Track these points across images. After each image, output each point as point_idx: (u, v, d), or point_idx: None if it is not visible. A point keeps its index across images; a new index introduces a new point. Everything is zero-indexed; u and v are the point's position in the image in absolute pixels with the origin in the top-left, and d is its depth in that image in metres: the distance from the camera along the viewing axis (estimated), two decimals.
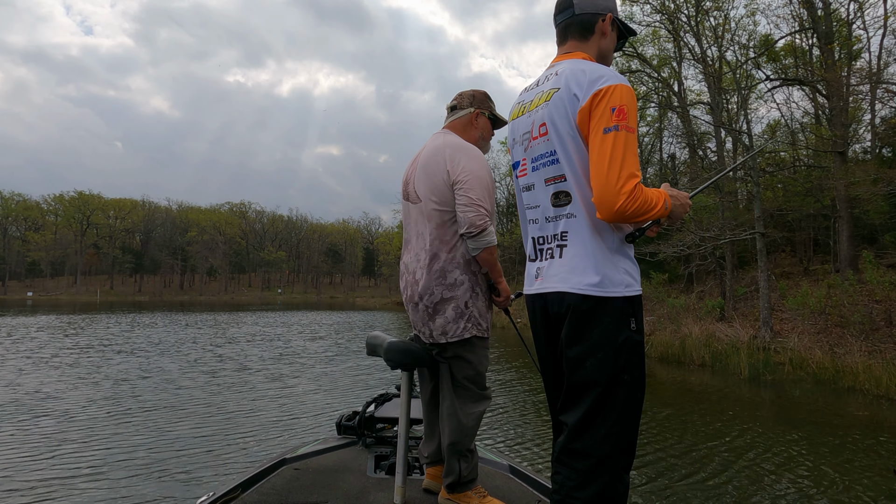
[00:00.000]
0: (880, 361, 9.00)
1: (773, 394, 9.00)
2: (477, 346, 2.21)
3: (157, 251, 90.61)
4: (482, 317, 2.21)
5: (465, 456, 2.18)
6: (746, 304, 16.76)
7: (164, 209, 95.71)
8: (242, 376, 9.58)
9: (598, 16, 1.77)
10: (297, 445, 3.08)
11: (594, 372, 1.52)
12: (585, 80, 1.57)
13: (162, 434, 6.03)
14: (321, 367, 10.96)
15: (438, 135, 2.36)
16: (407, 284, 2.29)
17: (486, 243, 2.12)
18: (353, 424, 2.99)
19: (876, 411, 7.56)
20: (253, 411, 7.02)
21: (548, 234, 1.68)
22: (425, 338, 2.25)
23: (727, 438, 6.34)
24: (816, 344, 10.81)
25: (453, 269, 2.17)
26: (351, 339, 17.49)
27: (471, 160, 2.19)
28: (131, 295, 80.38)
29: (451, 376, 2.22)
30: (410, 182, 2.33)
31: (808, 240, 24.83)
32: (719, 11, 22.16)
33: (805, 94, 23.16)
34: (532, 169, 1.73)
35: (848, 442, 6.15)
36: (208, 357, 12.26)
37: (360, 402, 6.88)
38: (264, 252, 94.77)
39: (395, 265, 64.47)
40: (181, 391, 8.22)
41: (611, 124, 1.50)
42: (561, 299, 1.60)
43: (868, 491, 4.66)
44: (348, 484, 2.34)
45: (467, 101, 2.44)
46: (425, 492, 2.33)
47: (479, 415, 2.24)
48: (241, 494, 2.20)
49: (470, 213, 2.10)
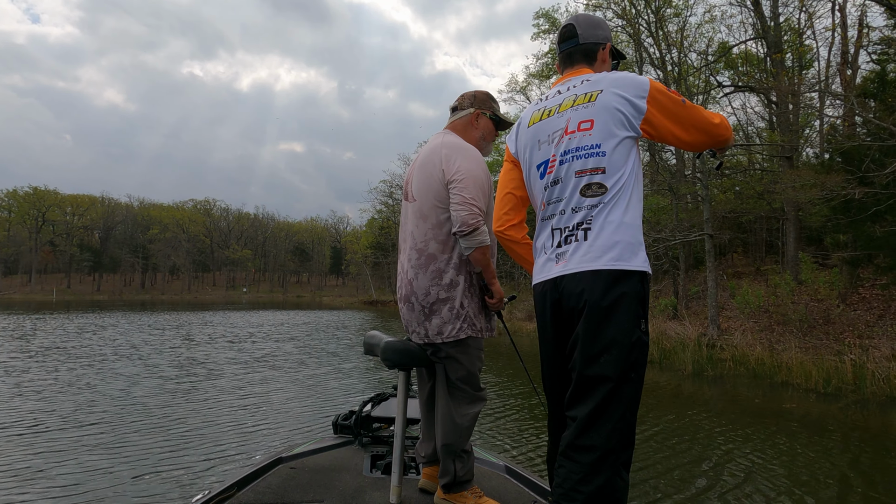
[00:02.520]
0: (813, 357, 9.48)
1: (713, 388, 9.39)
2: (471, 346, 2.20)
3: (117, 249, 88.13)
4: (476, 317, 2.21)
5: (461, 456, 2.19)
6: (698, 303, 17.33)
7: (124, 206, 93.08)
8: (214, 380, 9.48)
9: (599, 45, 1.97)
10: (293, 444, 3.07)
11: (608, 368, 1.59)
12: (629, 79, 1.77)
13: (156, 434, 5.98)
14: (299, 370, 10.88)
15: (438, 135, 2.35)
16: (402, 284, 2.28)
17: (478, 242, 2.10)
18: (349, 424, 2.98)
19: (803, 403, 7.99)
20: (214, 421, 6.94)
21: (573, 223, 1.75)
22: (419, 338, 2.23)
23: (658, 427, 6.62)
24: (758, 341, 11.29)
25: (449, 270, 2.16)
26: (327, 340, 17.43)
27: (466, 160, 2.17)
28: (89, 294, 78.01)
29: (446, 377, 2.22)
30: (409, 182, 2.33)
31: (760, 241, 25.78)
32: (678, 18, 22.84)
33: (761, 99, 24.05)
34: (560, 163, 1.80)
35: (778, 431, 6.49)
36: (168, 360, 12.08)
37: (351, 403, 6.89)
38: (229, 250, 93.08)
39: (363, 264, 64.15)
40: (136, 399, 8.11)
41: (680, 98, 1.77)
42: (580, 293, 1.66)
43: (784, 477, 4.95)
44: (344, 483, 2.33)
45: (468, 101, 2.42)
46: (421, 492, 2.33)
47: (474, 416, 2.24)
48: (237, 493, 2.18)
49: (463, 211, 2.09)
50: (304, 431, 6.20)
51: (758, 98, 24.33)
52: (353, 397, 8.11)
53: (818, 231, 17.81)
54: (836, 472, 5.14)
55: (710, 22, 23.26)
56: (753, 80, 18.60)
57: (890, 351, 9.26)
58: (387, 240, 56.12)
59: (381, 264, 58.24)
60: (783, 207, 17.57)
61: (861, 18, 17.45)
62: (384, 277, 60.20)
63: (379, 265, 59.42)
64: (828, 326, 11.49)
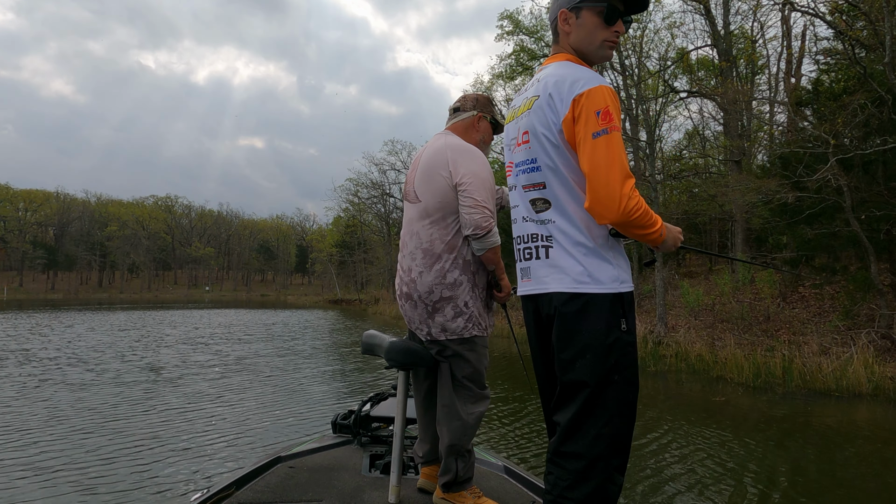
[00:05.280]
0: (748, 353, 9.97)
1: (652, 382, 9.80)
2: (477, 344, 2.22)
3: (72, 246, 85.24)
4: (481, 316, 2.24)
5: (463, 455, 2.18)
6: (650, 302, 17.87)
7: (81, 202, 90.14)
8: (177, 386, 9.36)
9: (555, 17, 1.73)
10: (292, 444, 3.07)
11: (584, 373, 1.52)
12: (565, 86, 1.56)
13: (154, 433, 5.95)
14: (274, 374, 10.78)
15: (440, 136, 2.37)
16: (402, 283, 2.28)
17: (491, 244, 2.15)
18: (348, 423, 2.97)
19: (732, 397, 8.42)
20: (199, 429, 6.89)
21: (527, 233, 1.69)
22: (423, 335, 2.24)
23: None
24: (701, 338, 11.77)
25: (453, 270, 2.18)
26: (293, 340, 17.34)
27: (473, 162, 2.20)
28: (43, 292, 75.36)
29: (451, 375, 2.22)
30: (410, 183, 2.34)
31: (713, 242, 26.68)
32: (637, 24, 23.44)
33: (716, 104, 24.90)
34: (514, 174, 1.76)
35: (707, 422, 6.83)
36: (134, 362, 11.89)
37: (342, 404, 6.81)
38: (191, 248, 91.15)
39: (328, 263, 63.63)
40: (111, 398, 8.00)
41: (599, 128, 1.48)
42: (549, 300, 1.60)
43: (708, 460, 5.26)
44: (343, 482, 2.32)
45: (470, 103, 2.45)
46: (420, 491, 2.32)
47: (480, 415, 2.23)
48: (236, 492, 2.17)
49: (476, 214, 2.11)
50: (294, 435, 6.12)
51: (714, 103, 25.21)
52: (343, 401, 7.98)
53: (763, 233, 18.59)
54: (755, 460, 5.47)
55: (668, 28, 23.97)
56: (705, 87, 19.27)
57: (818, 347, 9.80)
58: (352, 238, 55.81)
59: (347, 263, 57.86)
60: (732, 210, 18.28)
61: (804, 30, 18.27)
62: (350, 276, 59.83)
63: (345, 264, 59.03)
64: (767, 324, 12.05)
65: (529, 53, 26.04)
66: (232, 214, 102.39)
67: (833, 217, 11.17)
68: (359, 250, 53.99)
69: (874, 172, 11.17)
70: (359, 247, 54.35)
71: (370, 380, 9.70)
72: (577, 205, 1.58)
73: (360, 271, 54.56)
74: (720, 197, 16.85)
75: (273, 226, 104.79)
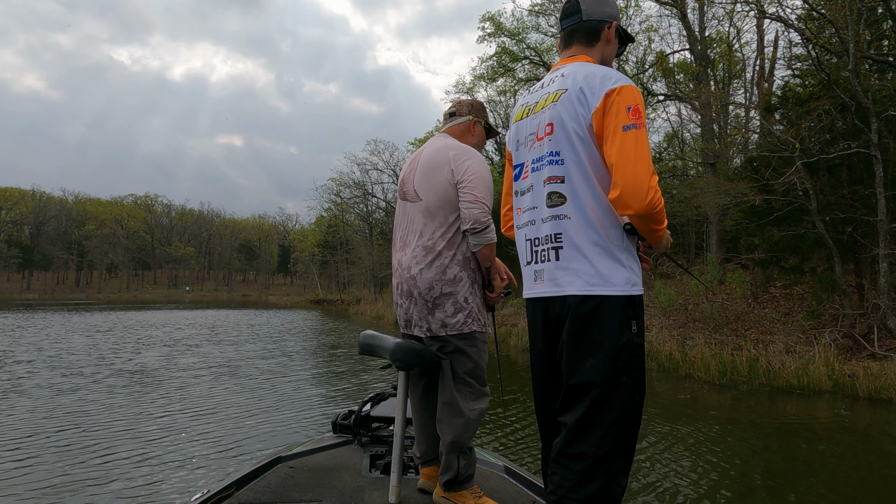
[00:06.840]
0: (716, 352, 10.21)
1: None
2: (477, 339, 2.25)
3: (49, 245, 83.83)
4: (481, 312, 2.28)
5: (465, 453, 2.19)
6: None
7: (57, 200, 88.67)
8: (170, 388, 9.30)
9: (605, 23, 1.81)
10: (293, 444, 3.06)
11: (593, 373, 1.54)
12: (596, 81, 1.60)
13: (153, 432, 5.94)
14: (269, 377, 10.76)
15: (439, 137, 2.43)
16: (402, 280, 2.31)
17: (487, 240, 2.21)
18: (348, 423, 2.97)
19: (697, 394, 8.63)
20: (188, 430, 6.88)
21: (542, 235, 1.70)
22: (423, 332, 2.26)
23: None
24: (672, 337, 12.00)
25: (453, 266, 2.23)
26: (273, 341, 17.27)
27: (474, 161, 2.27)
28: (18, 292, 73.99)
29: (453, 372, 2.24)
30: (409, 182, 2.38)
31: (690, 243, 27.14)
32: None
33: (693, 107, 25.37)
34: (532, 170, 1.75)
35: (671, 417, 7.00)
36: (113, 365, 11.78)
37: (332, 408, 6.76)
38: (171, 248, 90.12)
39: (310, 263, 63.34)
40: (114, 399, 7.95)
41: (629, 122, 1.53)
42: (563, 301, 1.61)
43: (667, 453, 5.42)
44: (343, 483, 2.32)
45: (466, 108, 2.52)
46: (420, 491, 2.32)
47: (481, 411, 2.25)
48: (236, 492, 2.17)
49: (475, 209, 2.18)
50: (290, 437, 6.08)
51: (691, 106, 25.68)
52: (341, 402, 7.93)
53: (735, 234, 18.97)
54: (719, 454, 5.63)
55: (645, 32, 24.32)
56: (682, 91, 19.61)
57: (784, 346, 10.08)
58: (335, 238, 55.60)
59: (329, 263, 57.65)
60: (707, 211, 18.63)
61: (776, 37, 18.67)
62: (332, 276, 59.61)
63: (327, 263, 58.81)
64: (737, 324, 12.33)
65: (511, 55, 26.19)
66: (213, 214, 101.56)
67: (800, 219, 11.49)
68: (341, 250, 53.80)
69: (839, 176, 11.51)
70: (341, 247, 54.16)
71: (366, 381, 9.70)
72: (595, 202, 1.61)
73: (342, 271, 54.43)
74: (695, 199, 17.20)
75: (255, 225, 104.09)
